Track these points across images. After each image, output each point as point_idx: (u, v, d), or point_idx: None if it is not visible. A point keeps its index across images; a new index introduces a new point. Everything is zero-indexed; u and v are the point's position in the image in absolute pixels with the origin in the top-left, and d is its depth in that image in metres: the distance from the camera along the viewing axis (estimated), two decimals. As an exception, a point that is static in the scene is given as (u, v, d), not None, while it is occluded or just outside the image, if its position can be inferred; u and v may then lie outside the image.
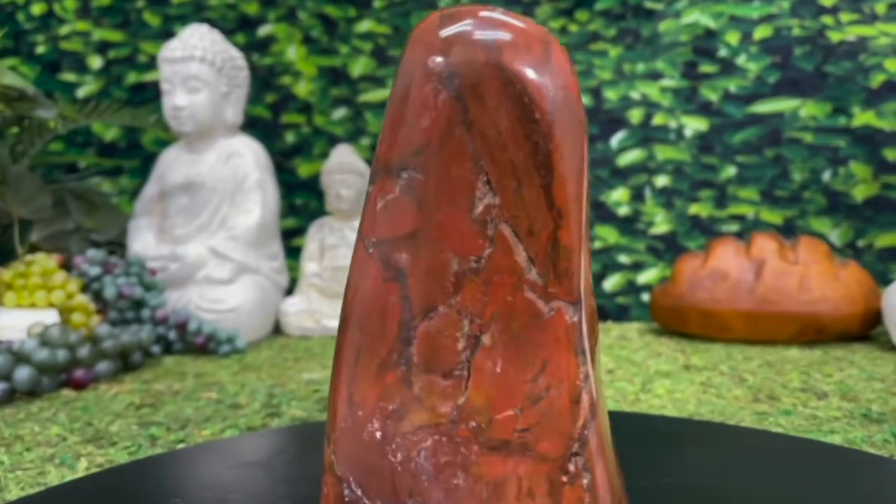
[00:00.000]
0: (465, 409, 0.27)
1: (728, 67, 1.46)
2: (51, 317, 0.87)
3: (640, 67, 1.50)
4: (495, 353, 0.27)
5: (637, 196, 1.51)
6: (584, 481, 0.27)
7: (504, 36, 0.27)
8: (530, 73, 0.27)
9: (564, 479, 0.27)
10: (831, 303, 0.93)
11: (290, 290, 1.25)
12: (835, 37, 1.41)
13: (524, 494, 0.26)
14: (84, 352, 0.82)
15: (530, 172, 0.27)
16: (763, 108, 1.45)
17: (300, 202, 1.62)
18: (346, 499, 0.28)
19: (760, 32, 1.45)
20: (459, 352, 0.27)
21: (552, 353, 0.27)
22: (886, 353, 0.90)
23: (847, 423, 0.65)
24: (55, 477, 0.56)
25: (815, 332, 0.93)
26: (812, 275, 0.94)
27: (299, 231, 1.55)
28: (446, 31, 0.27)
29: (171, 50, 1.10)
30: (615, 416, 0.34)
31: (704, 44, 1.48)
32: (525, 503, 0.26)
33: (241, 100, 1.15)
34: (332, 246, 1.14)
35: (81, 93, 1.64)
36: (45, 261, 0.92)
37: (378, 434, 0.28)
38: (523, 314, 0.27)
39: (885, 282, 1.32)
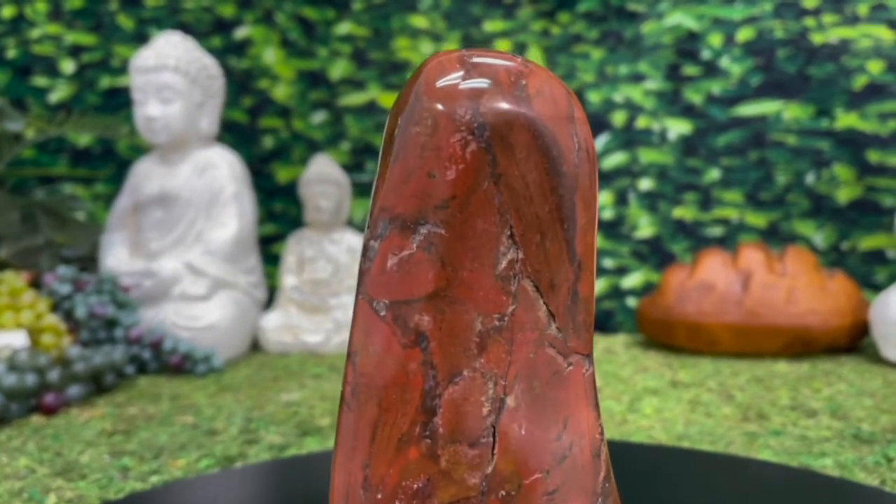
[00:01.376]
0: (494, 478, 0.26)
1: (711, 70, 1.45)
2: (19, 339, 0.84)
3: (623, 70, 1.49)
4: (520, 414, 0.26)
5: (621, 200, 1.49)
6: None
7: (532, 86, 0.27)
8: (559, 126, 0.27)
9: None
10: (819, 315, 0.92)
11: (268, 303, 1.23)
12: (817, 39, 1.41)
13: None
14: (54, 375, 0.80)
15: (554, 226, 0.26)
16: (746, 110, 1.45)
17: (279, 208, 1.59)
18: None
19: (743, 34, 1.44)
20: (485, 417, 0.26)
21: (573, 409, 0.27)
22: (874, 367, 0.89)
23: (838, 444, 0.64)
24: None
25: (802, 345, 0.92)
26: (800, 287, 0.93)
27: (278, 238, 1.53)
28: (472, 82, 0.26)
29: (143, 59, 1.06)
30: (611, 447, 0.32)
31: (687, 46, 1.46)
32: None
33: (216, 109, 1.12)
34: (311, 259, 1.11)
35: (54, 97, 1.60)
36: (13, 279, 0.89)
37: None
38: (544, 371, 0.27)
39: (868, 285, 1.32)
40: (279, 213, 1.59)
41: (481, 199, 0.26)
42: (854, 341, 0.96)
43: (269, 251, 1.47)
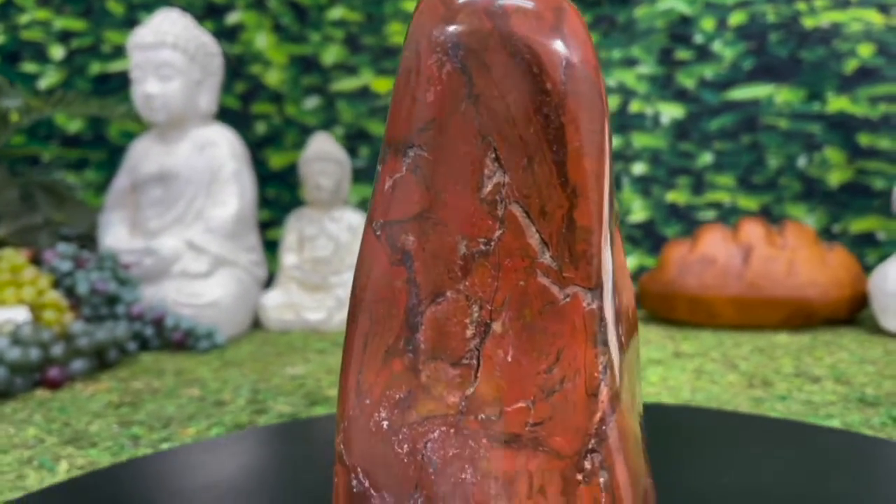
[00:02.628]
0: (475, 401, 0.26)
1: (704, 54, 1.46)
2: (21, 314, 0.83)
3: (616, 54, 1.50)
4: (506, 341, 0.26)
5: (615, 185, 1.50)
6: (602, 480, 0.25)
7: (512, 2, 0.26)
8: (540, 42, 0.25)
9: (579, 476, 0.25)
10: (819, 287, 0.93)
11: (268, 284, 1.22)
12: (809, 23, 1.42)
13: (535, 492, 0.25)
14: (58, 350, 0.79)
15: (542, 148, 0.25)
16: (739, 94, 1.46)
17: (273, 194, 1.59)
18: (354, 490, 0.26)
19: (735, 18, 1.45)
20: (468, 339, 0.26)
21: (568, 343, 0.26)
22: (874, 337, 0.90)
23: (843, 407, 0.65)
24: (34, 480, 0.54)
25: (803, 317, 0.94)
26: (799, 259, 0.94)
27: (272, 224, 1.52)
28: (452, 3, 0.26)
29: (141, 36, 1.05)
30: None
31: (680, 30, 1.47)
32: (536, 501, 0.25)
33: (214, 87, 1.11)
34: (312, 237, 1.11)
35: (43, 84, 1.59)
36: (13, 256, 0.88)
37: (385, 424, 0.26)
38: (537, 300, 0.26)
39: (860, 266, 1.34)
40: (273, 199, 1.58)
41: (460, 120, 0.26)
42: (853, 313, 0.97)
43: (263, 237, 1.46)
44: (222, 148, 1.06)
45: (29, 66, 1.60)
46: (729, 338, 0.92)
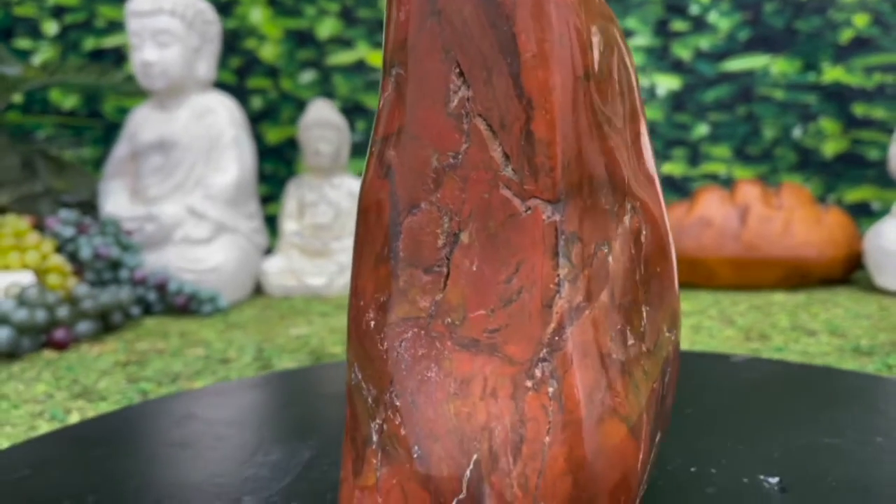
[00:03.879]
0: (443, 306, 0.27)
1: (699, 25, 1.47)
2: (26, 278, 0.84)
3: (613, 26, 1.50)
4: (472, 251, 0.27)
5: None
6: (550, 389, 0.26)
7: None
8: None
9: (529, 383, 0.26)
10: (815, 247, 0.94)
11: (268, 253, 1.23)
12: (804, -7, 1.43)
13: (487, 394, 0.26)
14: (63, 312, 0.80)
15: (498, 60, 0.26)
16: (734, 65, 1.46)
17: (270, 169, 1.59)
18: (353, 381, 0.29)
19: (731, -11, 1.46)
20: (440, 248, 0.27)
21: (527, 255, 0.26)
22: (869, 294, 0.92)
23: (839, 357, 0.66)
24: (47, 431, 0.54)
25: (799, 277, 0.95)
26: (796, 220, 0.95)
27: (270, 199, 1.52)
28: None
29: (138, 3, 1.05)
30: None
31: (676, 1, 1.48)
32: (488, 402, 0.26)
33: (213, 55, 1.11)
34: (312, 203, 1.11)
35: (37, 60, 1.58)
36: (16, 222, 0.88)
37: (372, 323, 0.28)
38: (499, 213, 0.27)
39: (855, 234, 1.35)
40: (270, 174, 1.58)
41: (428, 37, 0.26)
42: (848, 273, 0.98)
43: (263, 212, 1.46)
44: (221, 115, 1.06)
45: (22, 43, 1.60)
46: (726, 297, 0.93)
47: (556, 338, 0.26)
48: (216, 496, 0.35)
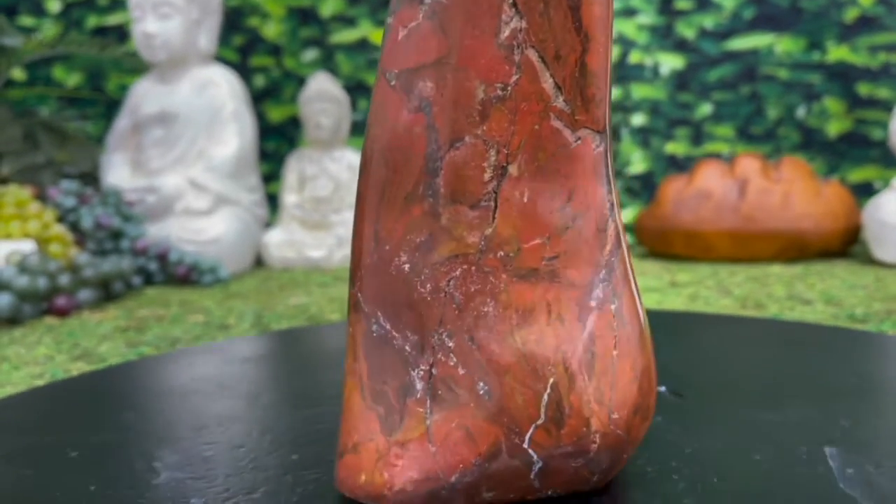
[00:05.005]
0: (493, 239, 0.27)
1: (704, 3, 1.46)
2: (27, 246, 0.85)
3: (616, 4, 1.49)
4: (522, 183, 0.27)
5: (613, 136, 1.51)
6: (613, 306, 0.27)
7: None
8: None
9: (593, 304, 0.27)
10: (813, 219, 0.94)
11: (268, 226, 1.23)
12: (809, -30, 1.42)
13: (553, 319, 0.27)
14: (64, 279, 0.80)
15: None
16: (739, 44, 1.46)
17: (272, 147, 1.59)
18: (374, 334, 0.28)
19: (736, -33, 1.45)
20: (486, 182, 0.27)
21: (578, 183, 0.27)
22: (866, 267, 0.92)
23: (834, 325, 0.66)
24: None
25: (797, 250, 0.95)
26: (795, 192, 0.95)
27: (272, 177, 1.53)
28: None
29: (140, -24, 1.06)
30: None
31: (680, -21, 1.47)
32: (555, 327, 0.26)
33: (214, 27, 1.12)
34: (312, 177, 1.12)
35: (40, 38, 1.58)
36: (17, 191, 0.89)
37: (406, 267, 0.27)
38: (550, 143, 0.27)
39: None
40: (272, 152, 1.58)
41: None
42: (846, 246, 0.98)
43: (264, 190, 1.47)
44: (222, 88, 1.06)
45: (26, 20, 1.60)
46: (724, 269, 0.94)
47: (612, 259, 0.27)
48: (215, 441, 0.35)
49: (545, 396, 0.26)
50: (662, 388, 0.37)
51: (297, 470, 0.31)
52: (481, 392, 0.26)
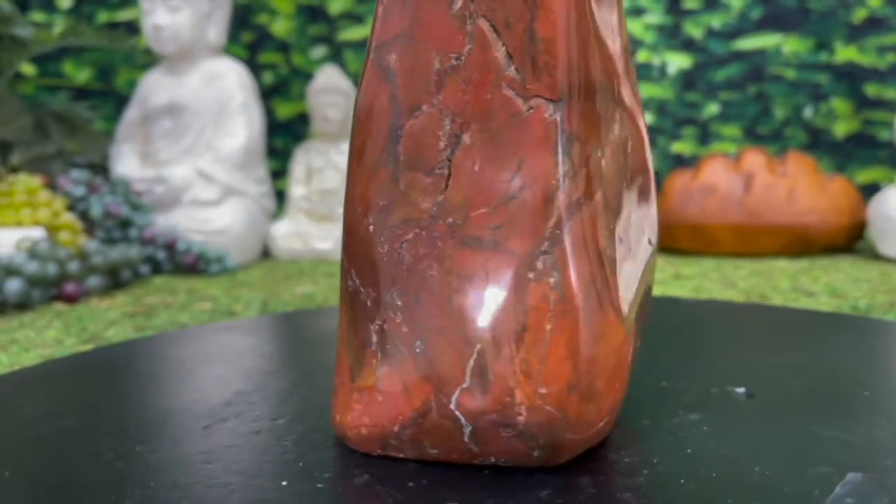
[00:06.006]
0: (444, 206, 0.28)
1: (711, 3, 1.46)
2: (37, 234, 0.86)
3: (624, 3, 1.50)
4: (474, 152, 0.28)
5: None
6: (551, 280, 0.26)
7: None
8: None
9: (531, 275, 0.27)
10: (818, 214, 0.95)
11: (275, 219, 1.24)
12: (817, -29, 1.42)
13: (490, 287, 0.27)
14: (73, 266, 0.81)
15: None
16: (746, 44, 1.46)
17: (280, 144, 1.60)
18: (349, 288, 0.30)
19: (744, -33, 1.45)
20: (441, 150, 0.28)
21: (529, 152, 0.27)
22: (871, 262, 0.92)
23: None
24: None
25: (802, 245, 0.95)
26: (800, 187, 0.96)
27: (280, 174, 1.53)
28: None
29: (150, -33, 1.07)
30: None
31: (688, -21, 1.47)
32: (491, 295, 0.27)
33: (223, 20, 1.12)
34: (320, 169, 1.13)
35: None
36: (28, 180, 0.90)
37: (371, 228, 0.29)
38: (502, 112, 0.27)
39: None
40: (280, 149, 1.59)
41: None
42: (851, 241, 0.98)
43: (273, 186, 1.48)
44: (230, 80, 1.08)
45: (37, 16, 1.62)
46: (729, 263, 0.94)
47: (557, 231, 0.27)
48: (200, 417, 0.36)
49: (471, 361, 0.26)
50: (741, 390, 0.35)
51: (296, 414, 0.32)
52: (417, 350, 0.27)
